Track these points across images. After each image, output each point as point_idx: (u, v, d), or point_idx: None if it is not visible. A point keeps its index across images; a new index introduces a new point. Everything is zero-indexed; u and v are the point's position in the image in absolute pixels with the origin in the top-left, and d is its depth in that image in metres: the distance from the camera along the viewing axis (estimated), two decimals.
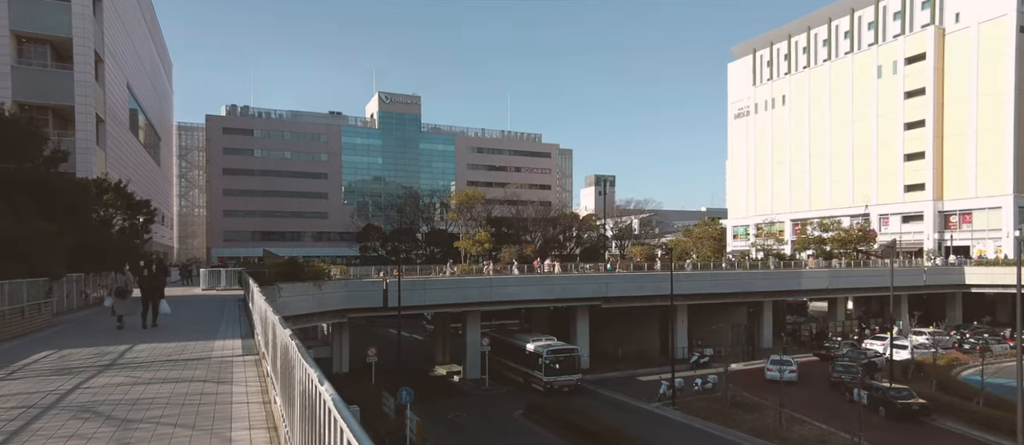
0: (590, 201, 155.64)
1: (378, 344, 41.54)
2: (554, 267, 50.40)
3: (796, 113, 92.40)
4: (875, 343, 47.68)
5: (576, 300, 45.37)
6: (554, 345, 39.52)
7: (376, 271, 44.26)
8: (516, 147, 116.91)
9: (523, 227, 69.80)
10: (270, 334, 8.63)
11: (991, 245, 68.01)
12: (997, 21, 69.46)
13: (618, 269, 51.33)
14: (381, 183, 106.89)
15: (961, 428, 29.39)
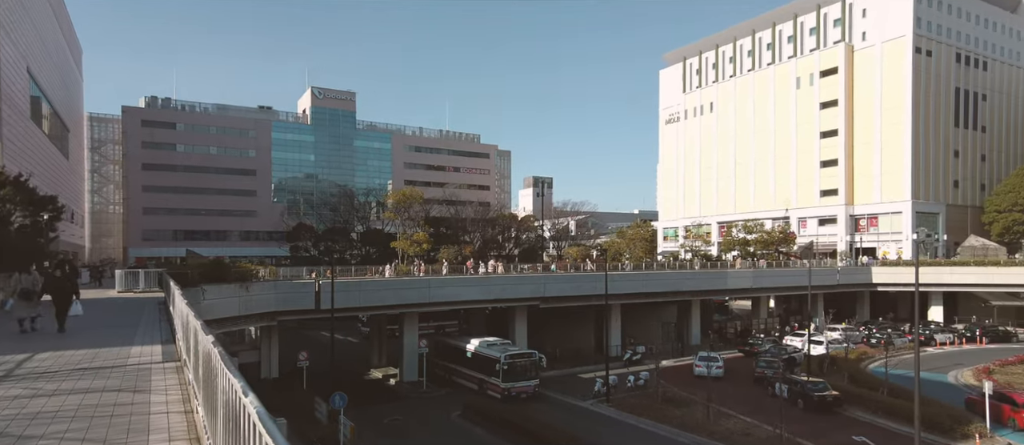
0: (528, 202, 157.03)
1: (310, 348, 40.23)
2: (497, 268, 50.50)
3: (723, 120, 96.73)
4: (794, 339, 50.59)
5: (515, 300, 45.62)
6: (512, 349, 37.77)
7: (308, 272, 42.77)
8: (454, 147, 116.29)
9: (462, 227, 69.50)
10: (192, 340, 8.14)
11: (894, 247, 73.67)
12: (896, 41, 75.37)
13: (556, 270, 52.03)
14: (314, 181, 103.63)
15: (868, 417, 31.57)
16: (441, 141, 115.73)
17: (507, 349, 37.36)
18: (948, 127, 78.48)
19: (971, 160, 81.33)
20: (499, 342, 39.25)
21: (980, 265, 61.07)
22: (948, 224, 76.50)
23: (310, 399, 30.46)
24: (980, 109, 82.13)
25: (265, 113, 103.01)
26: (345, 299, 37.51)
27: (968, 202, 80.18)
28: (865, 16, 79.10)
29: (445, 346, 42.20)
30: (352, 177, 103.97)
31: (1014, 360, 42.86)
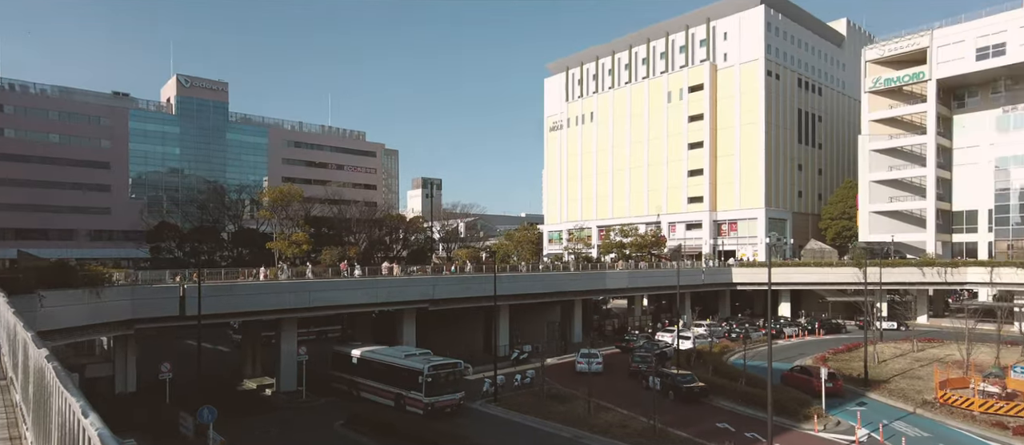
0: (417, 203, 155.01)
1: (174, 358, 36.73)
2: (392, 270, 49.34)
3: (602, 129, 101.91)
4: (666, 335, 54.47)
5: (403, 303, 44.78)
6: (435, 360, 34.13)
7: (172, 275, 38.93)
8: (338, 144, 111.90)
9: (346, 228, 66.96)
10: (20, 354, 7.10)
11: (750, 249, 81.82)
12: (751, 64, 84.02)
13: (445, 271, 51.82)
14: (179, 176, 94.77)
15: (730, 405, 34.71)
16: (324, 137, 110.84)
17: (429, 360, 33.85)
18: (793, 143, 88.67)
19: (811, 173, 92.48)
20: (418, 352, 35.99)
21: (818, 266, 69.76)
22: (794, 229, 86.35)
23: (174, 414, 27.85)
24: (817, 129, 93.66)
25: (120, 100, 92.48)
26: (215, 304, 34.74)
27: (809, 210, 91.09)
28: (726, 39, 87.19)
29: (349, 358, 38.27)
30: (224, 173, 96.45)
31: (843, 349, 49.32)
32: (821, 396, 32.78)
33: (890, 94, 78.58)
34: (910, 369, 42.09)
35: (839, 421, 30.56)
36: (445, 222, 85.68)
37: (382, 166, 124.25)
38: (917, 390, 35.48)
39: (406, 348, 37.71)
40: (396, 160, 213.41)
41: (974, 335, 41.73)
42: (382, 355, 36.56)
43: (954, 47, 71.71)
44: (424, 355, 35.47)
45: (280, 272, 43.48)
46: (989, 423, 29.10)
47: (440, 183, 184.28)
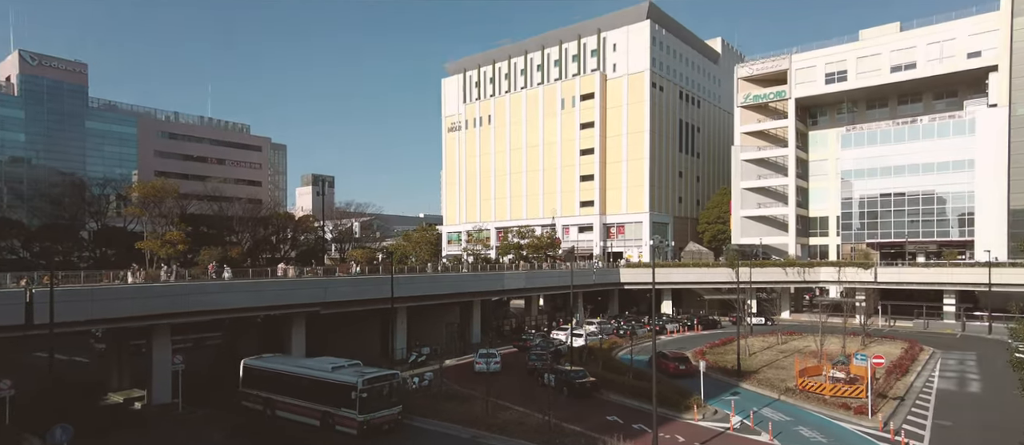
0: (307, 201, 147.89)
1: (20, 373, 32.46)
2: (288, 271, 46.68)
3: (500, 132, 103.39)
4: (560, 333, 56.26)
5: (293, 307, 42.55)
6: (370, 372, 30.65)
7: (15, 278, 34.18)
8: (220, 137, 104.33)
9: (228, 227, 62.48)
10: None
11: (637, 251, 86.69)
12: (638, 75, 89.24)
13: (338, 273, 49.97)
14: (24, 166, 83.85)
15: (619, 398, 36.47)
16: (203, 129, 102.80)
17: (362, 372, 30.42)
18: (675, 152, 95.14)
19: (690, 180, 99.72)
20: (347, 364, 32.29)
21: (697, 266, 75.42)
22: (675, 232, 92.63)
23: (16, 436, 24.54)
24: (696, 139, 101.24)
25: None
26: (72, 311, 31.02)
27: (688, 215, 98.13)
28: (615, 50, 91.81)
29: (264, 372, 34.36)
30: (83, 164, 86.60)
31: (719, 343, 53.61)
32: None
33: (758, 109, 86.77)
34: (776, 360, 46.64)
35: (716, 410, 33.16)
36: (338, 222, 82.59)
37: (269, 161, 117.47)
38: (781, 379, 39.35)
39: (332, 360, 33.63)
40: (284, 155, 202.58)
41: (826, 327, 47.11)
42: (305, 368, 32.65)
43: (808, 71, 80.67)
44: (355, 367, 31.95)
45: (168, 274, 39.72)
46: (837, 405, 32.91)
47: (333, 180, 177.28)
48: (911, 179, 72.27)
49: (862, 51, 77.09)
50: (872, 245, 74.16)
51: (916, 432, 28.85)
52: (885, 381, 36.94)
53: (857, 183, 75.89)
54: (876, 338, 53.19)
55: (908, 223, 72.59)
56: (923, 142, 71.79)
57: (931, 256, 72.11)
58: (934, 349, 50.55)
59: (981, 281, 61.04)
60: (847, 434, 28.84)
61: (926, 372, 42.23)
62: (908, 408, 33.22)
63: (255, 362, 35.69)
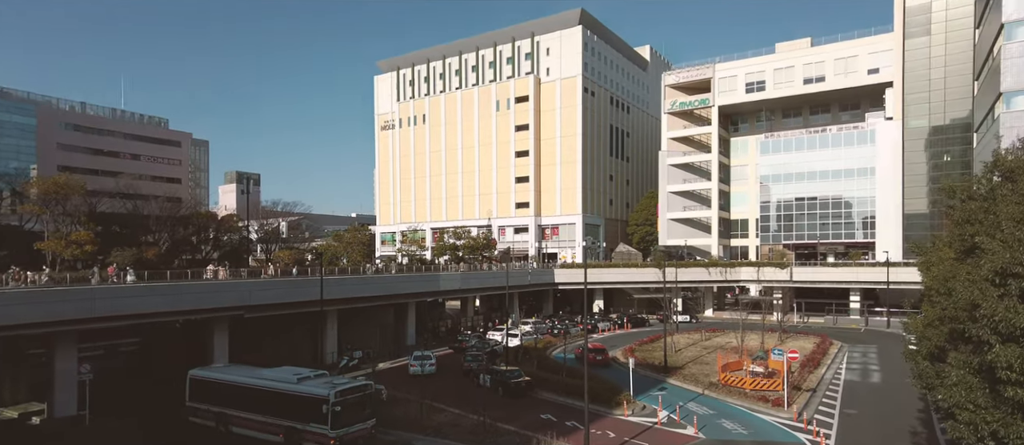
0: (231, 200, 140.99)
1: None
2: (218, 273, 44.22)
3: (435, 132, 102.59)
4: (496, 334, 56.47)
5: (214, 311, 40.47)
6: (342, 382, 28.27)
7: None
8: (134, 131, 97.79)
9: (144, 227, 58.62)
10: None
11: (570, 252, 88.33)
12: (571, 80, 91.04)
13: (264, 274, 47.99)
14: None
15: (552, 396, 37.09)
16: (114, 122, 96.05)
17: (334, 383, 27.72)
18: (606, 155, 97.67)
19: (620, 183, 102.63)
20: (313, 374, 29.68)
21: (626, 267, 77.75)
22: (606, 234, 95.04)
23: None
24: (626, 143, 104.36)
25: None
26: None
27: (619, 217, 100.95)
28: (549, 54, 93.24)
29: (215, 384, 30.89)
30: None
31: (648, 340, 55.52)
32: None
33: (684, 116, 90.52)
34: (700, 356, 48.82)
35: (645, 406, 34.35)
36: (265, 221, 79.21)
37: (189, 158, 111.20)
38: (705, 374, 41.26)
39: (296, 369, 30.98)
40: (206, 152, 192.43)
41: (746, 324, 49.82)
42: (265, 379, 29.49)
43: (730, 80, 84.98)
44: (322, 377, 29.43)
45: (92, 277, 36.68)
46: (756, 398, 34.89)
47: (258, 178, 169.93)
48: (821, 184, 77.56)
49: (778, 63, 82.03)
50: (788, 246, 79.01)
51: (826, 421, 31.02)
52: (800, 374, 39.45)
53: (774, 187, 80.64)
54: (792, 334, 56.75)
55: (819, 225, 77.86)
56: (831, 150, 77.23)
57: (839, 256, 77.65)
58: (842, 343, 54.49)
59: (881, 279, 66.37)
60: (765, 425, 30.61)
61: (835, 365, 45.44)
62: (819, 399, 35.66)
63: (205, 373, 32.23)
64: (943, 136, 72.07)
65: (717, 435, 29.05)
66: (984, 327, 13.08)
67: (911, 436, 28.43)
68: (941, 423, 23.27)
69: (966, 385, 14.12)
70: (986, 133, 46.45)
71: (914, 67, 72.78)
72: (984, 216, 17.08)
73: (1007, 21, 39.88)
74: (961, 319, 14.84)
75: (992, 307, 12.76)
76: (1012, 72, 39.50)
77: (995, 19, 43.02)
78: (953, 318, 15.74)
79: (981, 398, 13.61)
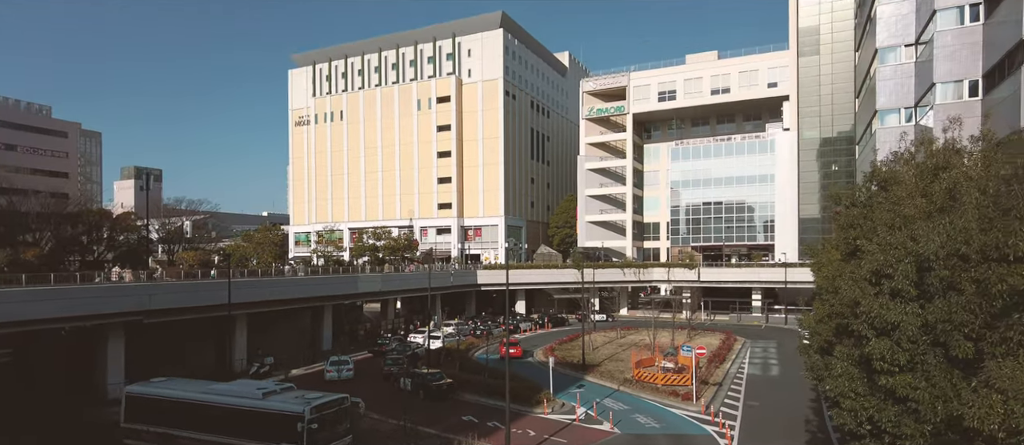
0: (128, 197, 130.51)
1: None
2: (123, 276, 40.65)
3: (354, 129, 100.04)
4: (417, 336, 55.83)
5: (108, 316, 37.42)
6: (315, 397, 25.09)
7: None
8: (9, 118, 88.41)
9: (22, 225, 53.18)
10: None
11: (493, 253, 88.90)
12: (493, 82, 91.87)
13: (166, 277, 44.94)
14: None
15: (474, 398, 37.24)
16: None
17: (307, 398, 24.81)
18: (527, 159, 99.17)
19: (541, 186, 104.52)
20: (279, 387, 26.62)
21: (547, 268, 79.30)
22: (528, 236, 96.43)
23: None
24: (546, 147, 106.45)
25: None
26: None
27: (540, 219, 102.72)
28: (470, 56, 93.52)
29: (158, 402, 26.95)
30: None
31: (567, 339, 56.93)
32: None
33: (601, 122, 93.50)
34: (616, 353, 50.64)
35: (564, 403, 35.25)
36: (167, 220, 74.00)
37: (78, 150, 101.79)
38: (621, 371, 42.87)
39: (258, 383, 27.91)
40: (98, 144, 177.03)
41: (658, 322, 52.22)
42: (223, 395, 26.13)
43: (644, 89, 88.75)
44: (290, 391, 26.51)
45: None
46: (667, 393, 36.71)
47: (160, 174, 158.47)
48: (726, 190, 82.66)
49: (688, 74, 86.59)
50: (696, 248, 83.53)
51: (731, 413, 33.15)
52: (707, 369, 41.86)
53: (684, 192, 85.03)
54: (700, 331, 60.08)
55: (725, 229, 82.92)
56: (735, 158, 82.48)
57: (742, 258, 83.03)
58: (745, 339, 58.30)
59: (779, 279, 71.65)
60: (676, 419, 32.29)
61: (739, 360, 48.58)
62: (725, 392, 38.04)
63: (145, 389, 28.03)
64: (831, 147, 78.94)
65: (631, 429, 30.30)
66: (862, 322, 14.53)
67: (805, 424, 30.97)
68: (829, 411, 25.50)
69: (848, 376, 15.62)
70: (866, 146, 51.39)
71: (806, 83, 79.22)
72: (863, 221, 19.00)
73: (880, 47, 44.32)
74: (845, 315, 16.38)
75: (869, 304, 14.21)
76: (885, 92, 43.94)
77: (871, 44, 47.73)
78: (839, 314, 17.34)
79: (860, 387, 15.10)
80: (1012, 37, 28.58)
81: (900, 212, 17.01)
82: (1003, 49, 30.15)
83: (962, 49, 34.87)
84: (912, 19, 42.30)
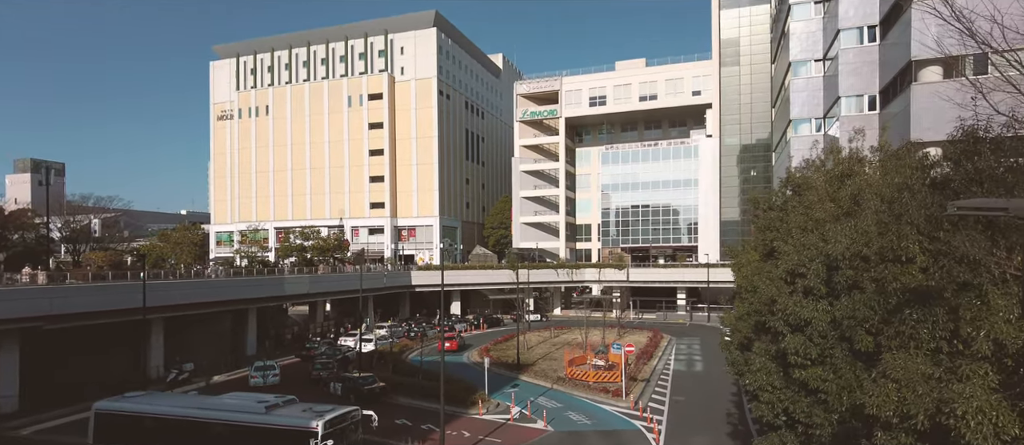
0: (24, 192, 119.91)
1: None
2: (37, 277, 37.11)
3: (280, 124, 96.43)
4: (349, 339, 54.51)
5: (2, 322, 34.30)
6: (325, 410, 22.46)
7: None
8: None
9: None
10: None
11: (428, 254, 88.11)
12: (426, 80, 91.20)
13: (71, 278, 41.74)
14: None
15: (408, 400, 36.86)
16: None
17: (316, 411, 22.16)
18: (462, 159, 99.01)
19: (476, 187, 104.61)
20: (281, 400, 23.61)
21: (483, 269, 79.48)
22: (463, 236, 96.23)
23: None
24: (481, 148, 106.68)
25: None
26: None
27: (475, 220, 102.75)
28: (403, 53, 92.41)
29: (137, 419, 23.89)
30: None
31: (502, 339, 57.31)
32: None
33: (535, 125, 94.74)
34: (550, 352, 51.48)
35: (499, 403, 35.53)
36: (71, 217, 68.50)
37: None
38: (554, 369, 43.66)
39: (257, 395, 24.91)
40: None
41: (590, 321, 53.56)
42: (216, 410, 23.23)
43: (576, 93, 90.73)
44: (294, 404, 23.60)
45: None
46: (598, 390, 37.75)
47: (62, 168, 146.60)
48: (654, 193, 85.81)
49: (618, 80, 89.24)
50: (626, 249, 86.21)
51: (658, 408, 34.50)
52: (636, 366, 43.33)
53: (614, 195, 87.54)
54: (629, 329, 62.05)
55: (652, 231, 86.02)
56: (662, 163, 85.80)
57: (668, 259, 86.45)
58: (671, 337, 60.71)
59: (702, 279, 75.13)
60: (607, 415, 33.26)
61: (665, 357, 50.56)
62: (652, 388, 39.51)
63: (120, 405, 24.64)
64: (750, 153, 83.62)
65: (565, 427, 30.95)
66: (779, 319, 15.59)
67: (727, 417, 32.68)
68: (749, 404, 27.02)
69: (766, 370, 16.70)
70: (781, 153, 54.86)
71: (728, 91, 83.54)
72: (779, 224, 20.36)
73: (793, 60, 47.53)
74: (763, 313, 17.48)
75: (785, 302, 15.26)
76: (798, 103, 47.14)
77: (785, 57, 51.09)
78: (757, 312, 18.49)
79: (777, 380, 16.19)
80: (902, 58, 31.41)
81: (812, 215, 18.36)
82: (896, 68, 33.08)
83: (863, 66, 37.91)
84: (820, 36, 45.60)
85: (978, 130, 11.60)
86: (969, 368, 8.51)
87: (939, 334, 10.12)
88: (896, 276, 11.89)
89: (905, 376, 9.33)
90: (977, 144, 11.61)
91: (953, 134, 12.41)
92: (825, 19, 44.72)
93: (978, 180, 11.28)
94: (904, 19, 31.32)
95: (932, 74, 30.16)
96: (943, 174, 12.97)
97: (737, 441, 28.09)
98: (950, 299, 10.13)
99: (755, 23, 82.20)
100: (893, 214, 13.00)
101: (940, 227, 10.97)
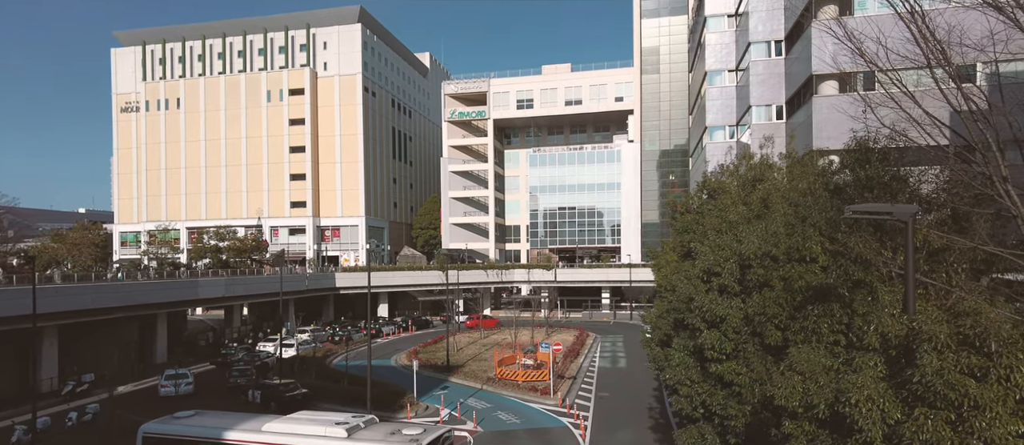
0: None
1: None
2: None
3: (193, 118, 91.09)
4: (268, 344, 52.22)
5: None
6: (420, 434, 19.51)
7: None
8: None
9: None
10: None
11: (353, 255, 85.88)
12: (351, 77, 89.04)
13: None
14: None
15: (334, 406, 35.71)
16: None
17: (409, 437, 19.22)
18: (389, 158, 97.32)
19: (404, 187, 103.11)
20: (362, 421, 20.46)
21: (411, 270, 78.42)
22: (391, 237, 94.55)
23: None
24: (409, 147, 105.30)
25: None
26: None
27: (403, 220, 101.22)
28: (326, 49, 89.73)
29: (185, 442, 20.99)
30: None
31: (432, 341, 56.80)
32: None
33: (463, 126, 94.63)
34: (479, 353, 51.56)
35: (428, 406, 35.23)
36: None
37: None
38: (484, 370, 43.79)
39: (335, 415, 21.99)
40: None
41: (520, 321, 54.12)
42: (288, 434, 19.92)
43: (504, 95, 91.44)
44: (378, 425, 20.95)
45: None
46: (528, 389, 38.24)
47: None
48: (579, 196, 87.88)
49: (544, 84, 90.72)
50: (553, 250, 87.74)
51: (584, 404, 35.41)
52: (563, 364, 44.22)
53: (541, 197, 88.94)
54: (556, 328, 63.20)
55: (578, 232, 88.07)
56: (587, 166, 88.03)
57: (593, 259, 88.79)
58: (596, 335, 62.35)
59: (625, 279, 77.72)
60: (536, 413, 33.78)
61: (591, 354, 51.90)
62: (579, 385, 40.48)
63: (167, 427, 21.61)
64: (669, 158, 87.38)
65: (494, 427, 31.16)
66: (696, 316, 16.48)
67: (649, 411, 34.01)
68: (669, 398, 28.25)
69: (685, 365, 17.60)
70: (698, 158, 57.80)
71: (648, 98, 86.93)
72: (696, 226, 21.50)
73: (709, 70, 50.28)
74: (681, 310, 18.40)
75: (701, 300, 16.16)
76: (713, 111, 49.91)
77: (701, 67, 53.93)
78: (676, 309, 19.42)
79: (695, 375, 17.09)
80: (804, 72, 33.99)
81: (726, 218, 19.54)
82: (799, 81, 35.74)
83: (771, 78, 40.67)
84: (734, 48, 48.43)
85: (868, 141, 12.82)
86: (861, 359, 9.41)
87: (837, 328, 11.10)
88: (801, 274, 12.90)
89: (808, 368, 10.16)
90: (867, 154, 12.83)
91: (849, 144, 13.64)
92: (737, 32, 47.53)
93: (869, 186, 12.46)
94: (805, 35, 33.89)
95: (830, 88, 32.82)
96: (843, 180, 14.20)
97: (658, 434, 29.32)
98: (846, 296, 11.13)
99: (674, 33, 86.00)
100: (799, 217, 14.09)
101: (838, 229, 12.02)
